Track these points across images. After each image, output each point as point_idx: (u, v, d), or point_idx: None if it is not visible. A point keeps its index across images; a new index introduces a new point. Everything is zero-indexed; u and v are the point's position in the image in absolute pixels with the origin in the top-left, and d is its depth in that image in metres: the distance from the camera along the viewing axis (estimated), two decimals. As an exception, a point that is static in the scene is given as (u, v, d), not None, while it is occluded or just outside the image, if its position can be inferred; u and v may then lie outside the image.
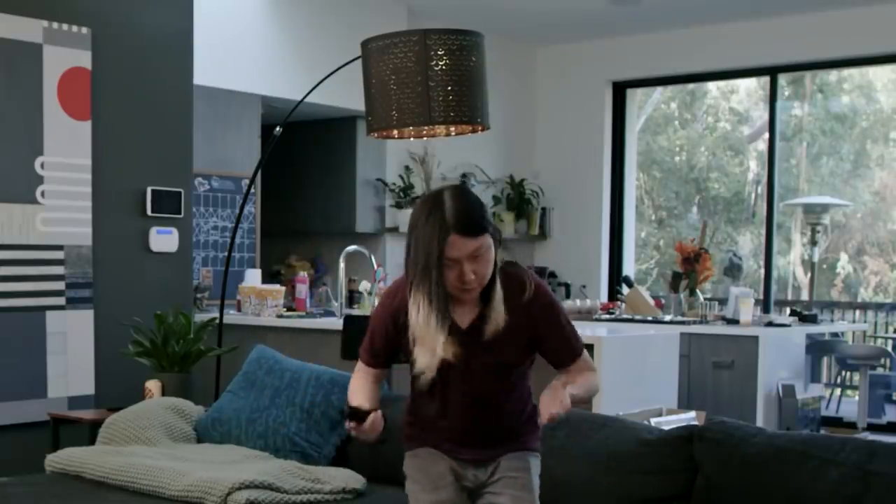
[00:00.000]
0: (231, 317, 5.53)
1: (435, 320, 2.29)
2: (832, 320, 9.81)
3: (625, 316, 6.63)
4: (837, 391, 9.15)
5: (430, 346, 2.32)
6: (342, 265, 5.77)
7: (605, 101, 8.74)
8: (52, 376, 4.81)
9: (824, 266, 12.07)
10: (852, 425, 7.19)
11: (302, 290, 5.93)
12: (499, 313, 2.34)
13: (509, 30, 8.34)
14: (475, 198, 2.37)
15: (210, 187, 6.44)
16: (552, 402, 2.31)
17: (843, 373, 9.10)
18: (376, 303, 5.44)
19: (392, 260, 7.76)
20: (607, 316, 6.70)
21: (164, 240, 5.25)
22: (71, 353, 4.87)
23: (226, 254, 5.36)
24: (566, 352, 2.47)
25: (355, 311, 5.62)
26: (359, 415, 2.37)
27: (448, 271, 2.27)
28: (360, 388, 2.55)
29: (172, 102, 5.32)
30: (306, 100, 4.81)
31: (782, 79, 8.59)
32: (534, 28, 8.36)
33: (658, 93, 11.77)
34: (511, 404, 2.49)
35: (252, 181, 4.97)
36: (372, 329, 2.54)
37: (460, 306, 2.39)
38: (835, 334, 7.61)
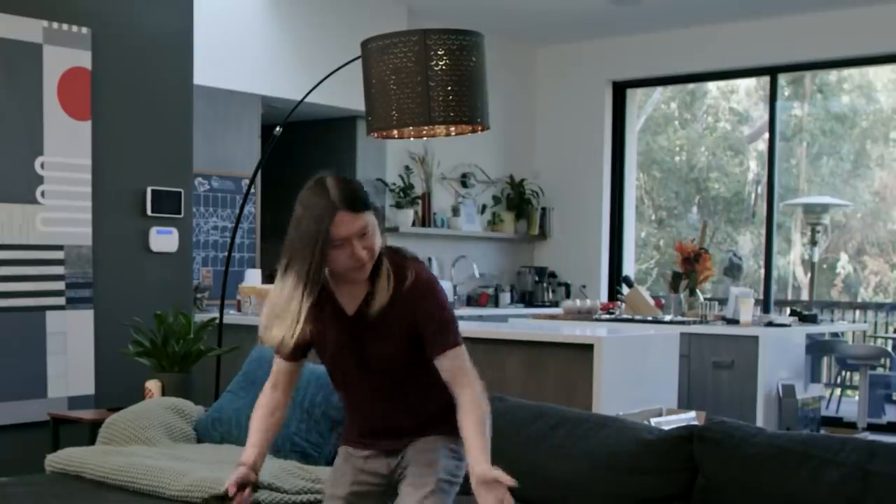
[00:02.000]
0: (231, 317, 5.53)
1: (298, 299, 2.29)
2: (832, 320, 9.81)
3: (625, 316, 6.63)
4: (837, 391, 9.15)
5: (286, 323, 2.31)
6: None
7: (605, 101, 8.74)
8: (52, 376, 4.81)
9: (824, 266, 12.08)
10: (852, 425, 7.19)
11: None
12: (383, 290, 2.33)
13: (509, 30, 8.34)
14: (357, 181, 2.39)
15: (210, 187, 6.44)
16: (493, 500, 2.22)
17: (843, 373, 9.11)
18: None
19: (392, 260, 7.75)
20: (607, 316, 6.70)
21: (164, 240, 5.25)
22: (71, 353, 4.88)
23: (226, 254, 5.36)
24: (434, 340, 2.36)
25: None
26: (224, 499, 2.43)
27: (338, 252, 2.28)
28: (259, 419, 2.56)
29: (172, 102, 5.32)
30: (306, 100, 4.81)
31: (782, 79, 8.59)
32: (534, 28, 8.36)
33: (658, 93, 11.77)
34: (416, 388, 2.44)
35: (252, 181, 4.97)
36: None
37: (348, 290, 2.38)
38: (835, 334, 7.61)
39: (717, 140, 12.96)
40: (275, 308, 2.34)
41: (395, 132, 3.79)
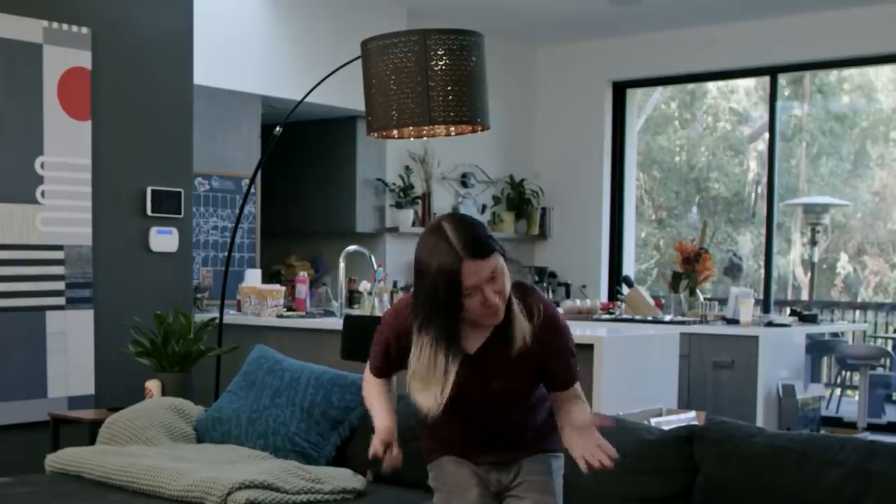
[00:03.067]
0: (231, 317, 5.53)
1: (443, 363, 2.22)
2: (832, 320, 9.80)
3: (625, 316, 6.63)
4: (837, 391, 9.15)
5: (433, 390, 2.25)
6: (342, 265, 5.78)
7: (605, 101, 8.74)
8: (52, 376, 4.81)
9: (824, 266, 12.07)
10: (852, 425, 7.19)
11: (302, 290, 5.93)
12: (522, 331, 2.26)
13: (509, 30, 8.34)
14: (475, 220, 2.31)
15: (210, 187, 6.44)
16: (590, 449, 2.25)
17: (843, 373, 9.11)
18: (376, 303, 5.47)
19: (392, 260, 7.76)
20: (607, 316, 6.70)
21: (164, 240, 5.25)
22: (71, 353, 4.88)
23: (226, 254, 5.37)
24: (565, 378, 2.39)
25: (355, 312, 5.62)
26: (378, 463, 2.38)
27: (469, 301, 2.19)
28: (376, 397, 2.51)
29: (172, 102, 5.32)
30: (306, 100, 4.81)
31: (782, 79, 8.59)
32: (534, 28, 8.36)
33: (658, 93, 11.77)
34: (522, 414, 2.46)
35: (252, 181, 4.97)
36: (376, 345, 2.51)
37: (468, 330, 2.31)
38: (835, 334, 7.61)
39: (717, 140, 12.96)
40: (420, 374, 2.27)
41: (395, 132, 3.79)
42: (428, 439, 2.55)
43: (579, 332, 4.90)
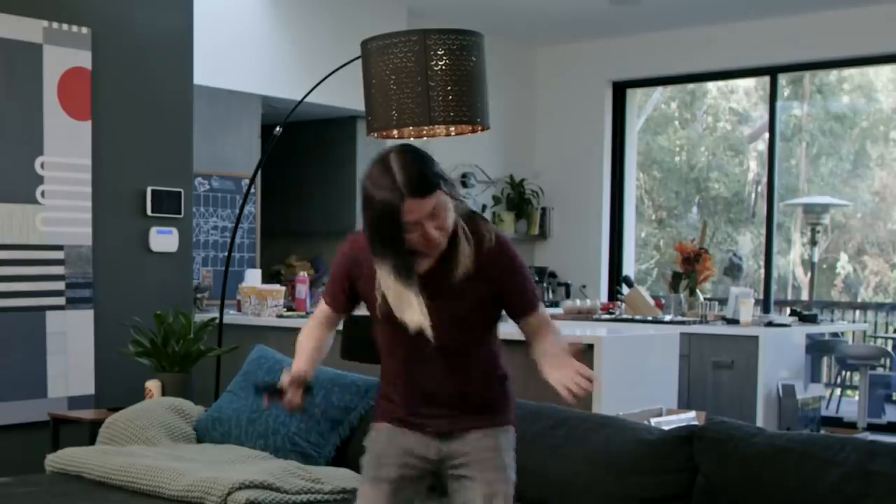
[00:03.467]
0: (231, 317, 5.53)
1: (407, 291, 2.28)
2: (832, 320, 9.80)
3: (625, 316, 6.63)
4: (837, 391, 9.15)
5: (409, 305, 2.30)
6: (342, 265, 5.76)
7: (605, 101, 8.74)
8: (52, 376, 4.81)
9: (824, 266, 12.08)
10: (852, 425, 7.19)
11: (302, 290, 5.93)
12: (465, 257, 2.32)
13: (509, 30, 8.34)
14: (422, 154, 2.34)
15: (210, 187, 6.44)
16: (569, 375, 2.26)
17: (843, 373, 9.11)
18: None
19: (392, 260, 7.75)
20: (607, 316, 6.70)
21: (164, 240, 5.25)
22: (71, 353, 4.88)
23: (226, 254, 5.36)
24: (522, 300, 2.41)
25: (355, 312, 5.61)
26: (275, 391, 2.40)
27: (410, 234, 2.25)
28: (306, 342, 2.54)
29: (172, 102, 5.32)
30: (306, 100, 4.81)
31: (782, 79, 8.59)
32: (534, 28, 8.36)
33: (658, 93, 11.77)
34: (479, 361, 2.43)
35: (252, 181, 4.97)
36: (331, 275, 2.56)
37: (420, 259, 2.36)
38: (835, 334, 7.60)
39: (717, 140, 12.96)
40: (395, 302, 2.32)
41: (395, 132, 3.79)
42: (380, 399, 2.53)
43: (579, 332, 4.90)
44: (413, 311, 2.30)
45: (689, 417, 4.33)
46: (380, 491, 2.42)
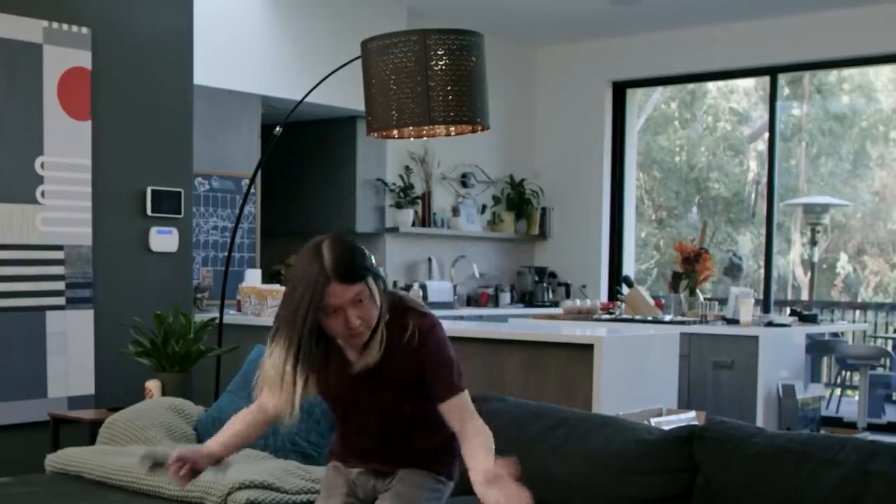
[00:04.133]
0: (231, 317, 5.53)
1: (291, 374, 2.31)
2: (832, 320, 9.81)
3: (625, 316, 6.63)
4: (837, 391, 9.15)
5: (284, 391, 2.33)
6: (342, 265, 5.76)
7: (605, 101, 8.74)
8: (52, 376, 4.81)
9: (824, 266, 12.08)
10: (852, 425, 7.19)
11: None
12: (374, 350, 2.37)
13: (509, 30, 8.34)
14: (354, 245, 2.38)
15: (210, 187, 6.44)
16: (506, 497, 2.21)
17: (843, 373, 9.11)
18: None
19: (392, 260, 7.76)
20: (607, 316, 6.69)
21: (164, 240, 5.25)
22: (71, 353, 4.88)
23: (226, 254, 5.37)
24: (438, 387, 2.41)
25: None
26: (158, 463, 2.45)
27: (333, 320, 2.30)
28: (234, 422, 2.59)
29: (172, 102, 5.32)
30: (306, 100, 4.81)
31: (782, 79, 8.59)
32: (534, 28, 8.36)
33: (658, 93, 11.77)
34: (412, 429, 2.50)
35: (252, 181, 4.97)
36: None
37: (351, 349, 2.43)
38: (835, 334, 7.60)
39: (717, 140, 12.96)
40: (266, 377, 2.37)
41: (395, 132, 3.79)
42: (335, 443, 2.67)
43: (579, 332, 4.90)
44: (277, 393, 2.34)
45: (689, 417, 4.33)
46: None
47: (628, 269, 8.83)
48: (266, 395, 2.40)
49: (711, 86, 11.93)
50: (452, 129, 3.75)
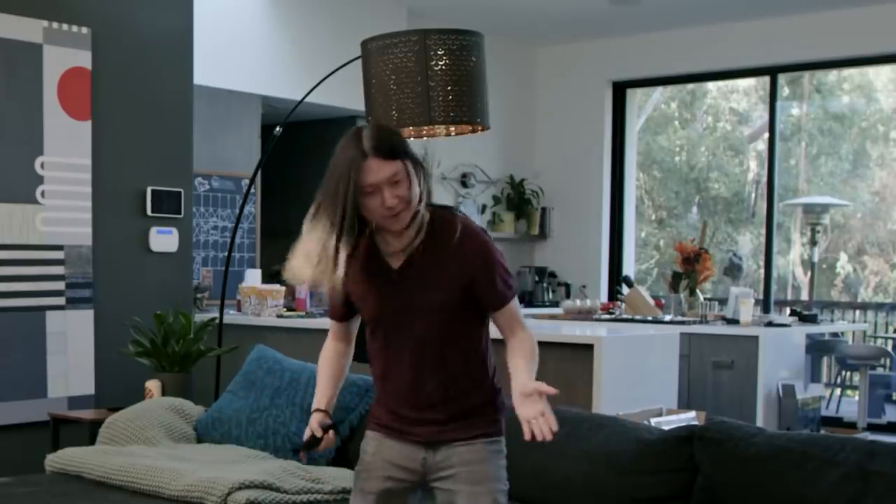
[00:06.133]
0: (231, 317, 5.53)
1: (332, 247, 2.24)
2: (832, 320, 9.81)
3: (625, 316, 6.63)
4: (837, 391, 9.15)
5: (324, 261, 2.26)
6: (342, 265, 5.76)
7: (605, 101, 8.74)
8: (52, 376, 4.81)
9: (824, 266, 12.08)
10: (852, 425, 7.19)
11: (302, 290, 5.93)
12: (409, 237, 2.30)
13: (509, 30, 8.34)
14: (394, 129, 2.39)
15: (210, 187, 6.44)
16: (535, 416, 2.23)
17: (843, 373, 9.11)
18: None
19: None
20: (607, 316, 6.69)
21: (164, 240, 5.25)
22: (71, 353, 4.88)
23: (226, 254, 5.37)
24: (494, 292, 2.38)
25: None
26: (313, 444, 2.42)
27: (371, 200, 2.24)
28: (324, 367, 2.53)
29: (172, 102, 5.32)
30: (306, 100, 4.81)
31: (782, 79, 8.59)
32: (534, 28, 8.36)
33: (658, 93, 11.77)
34: (459, 357, 2.39)
35: (252, 181, 4.97)
36: (329, 288, 2.49)
37: (390, 244, 2.34)
38: (835, 334, 7.61)
39: (717, 140, 12.96)
40: (309, 255, 2.28)
41: (395, 132, 3.78)
42: (373, 403, 2.54)
43: (579, 332, 4.90)
44: (317, 268, 2.26)
45: (689, 417, 4.33)
46: (366, 503, 2.43)
47: (628, 269, 8.83)
48: (299, 268, 2.29)
49: (711, 86, 11.93)
50: (452, 129, 3.75)
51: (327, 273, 2.26)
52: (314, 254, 2.27)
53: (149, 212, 5.20)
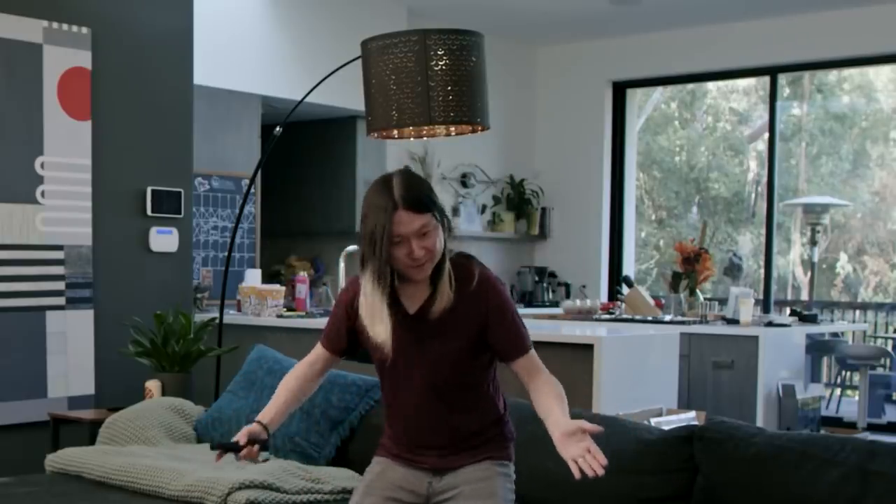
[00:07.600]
0: (231, 317, 5.53)
1: (379, 295, 2.33)
2: (832, 320, 9.81)
3: (625, 316, 6.63)
4: (837, 391, 9.15)
5: (379, 318, 2.36)
6: (342, 265, 5.77)
7: (605, 101, 8.74)
8: (52, 376, 4.81)
9: (824, 266, 12.08)
10: (852, 425, 7.19)
11: (302, 290, 5.93)
12: (444, 293, 2.37)
13: (509, 30, 8.34)
14: (422, 179, 2.44)
15: (210, 187, 6.44)
16: (582, 454, 2.24)
17: (843, 373, 9.11)
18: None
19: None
20: (607, 316, 6.70)
21: (164, 240, 5.25)
22: (71, 353, 4.88)
23: (226, 254, 5.37)
24: (511, 341, 2.44)
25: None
26: (232, 450, 2.42)
27: (398, 250, 2.31)
28: (285, 386, 2.57)
29: (172, 102, 5.32)
30: (306, 100, 4.81)
31: (782, 79, 8.60)
32: (534, 28, 8.36)
33: (658, 93, 11.77)
34: (469, 400, 2.46)
35: (252, 181, 4.97)
36: (331, 316, 2.61)
37: (410, 290, 2.41)
38: (835, 334, 7.61)
39: (717, 140, 12.96)
40: (370, 309, 2.37)
41: (395, 132, 3.79)
42: (382, 438, 2.59)
43: (579, 332, 4.91)
44: (380, 325, 2.36)
45: (689, 417, 4.33)
46: None
47: (628, 269, 8.83)
48: (371, 327, 2.37)
49: (711, 86, 11.93)
50: (452, 129, 3.75)
51: (385, 325, 2.36)
52: (371, 308, 2.37)
53: (149, 212, 5.20)
